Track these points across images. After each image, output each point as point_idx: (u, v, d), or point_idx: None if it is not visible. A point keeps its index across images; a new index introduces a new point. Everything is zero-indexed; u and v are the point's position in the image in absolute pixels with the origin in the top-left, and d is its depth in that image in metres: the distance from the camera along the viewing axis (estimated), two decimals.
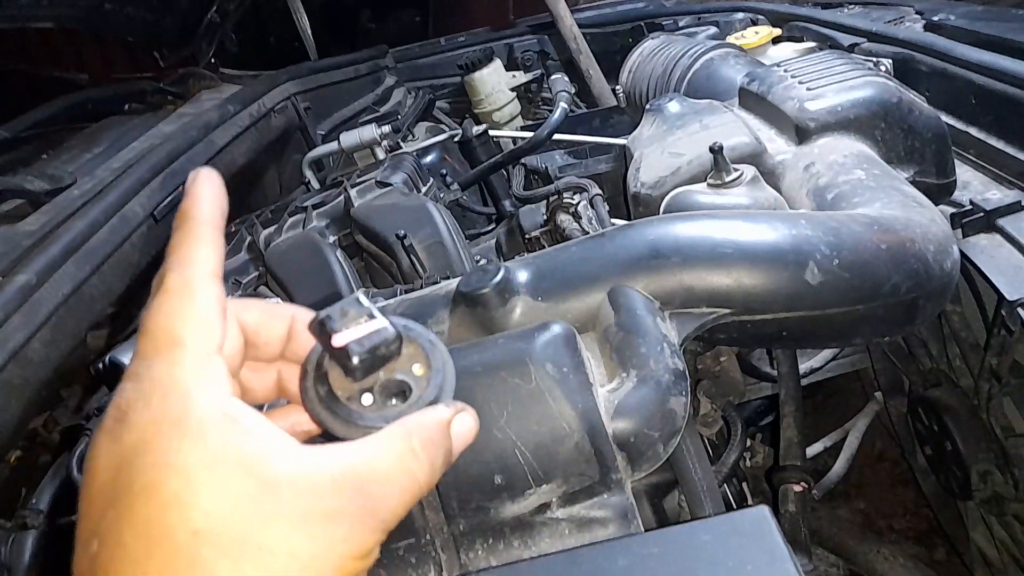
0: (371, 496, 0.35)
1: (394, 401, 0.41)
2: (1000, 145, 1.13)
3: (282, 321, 0.44)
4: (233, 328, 0.41)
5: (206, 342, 0.36)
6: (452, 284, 0.89)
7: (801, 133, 1.03)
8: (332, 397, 0.40)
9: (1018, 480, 1.06)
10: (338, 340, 0.39)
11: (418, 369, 0.41)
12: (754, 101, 1.14)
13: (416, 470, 0.37)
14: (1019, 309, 0.96)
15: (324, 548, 0.33)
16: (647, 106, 1.22)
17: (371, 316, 0.40)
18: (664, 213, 1.00)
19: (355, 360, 0.39)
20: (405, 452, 0.37)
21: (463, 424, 0.41)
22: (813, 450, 1.37)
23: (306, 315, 0.43)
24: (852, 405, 1.48)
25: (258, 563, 0.32)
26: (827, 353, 1.34)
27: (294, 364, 0.44)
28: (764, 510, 0.60)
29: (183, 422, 0.34)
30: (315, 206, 1.47)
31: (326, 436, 0.40)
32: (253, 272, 1.50)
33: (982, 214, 1.05)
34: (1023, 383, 1.04)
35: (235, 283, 1.48)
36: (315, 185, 1.72)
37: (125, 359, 1.22)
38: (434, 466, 0.38)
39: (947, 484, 1.19)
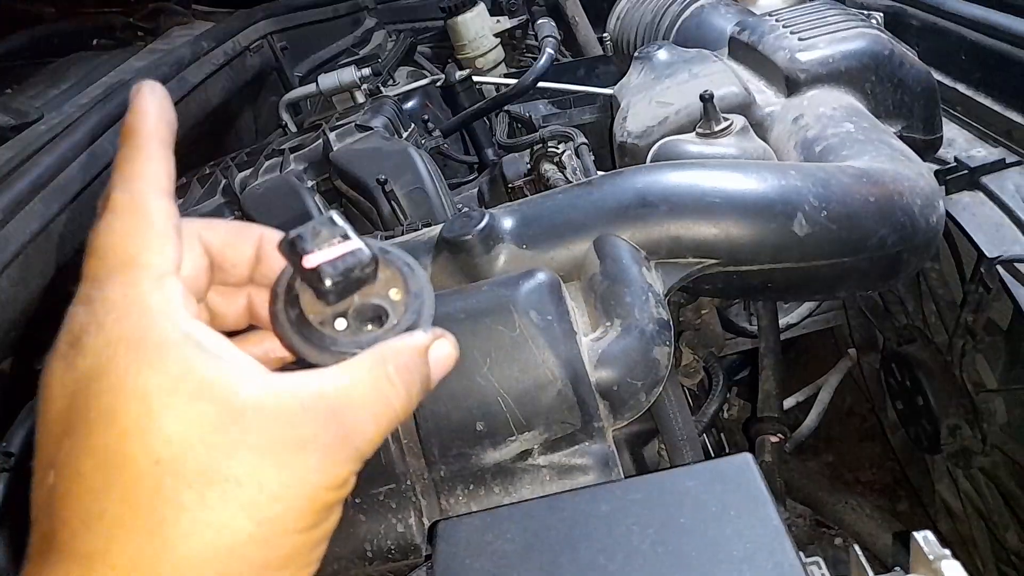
0: (344, 423, 0.34)
1: (369, 327, 0.39)
2: (987, 102, 1.13)
3: (250, 242, 0.41)
4: (195, 248, 0.38)
5: (161, 261, 0.34)
6: (434, 231, 0.88)
7: (791, 84, 1.02)
8: (303, 321, 0.38)
9: (986, 434, 1.09)
10: (310, 261, 0.36)
11: (395, 294, 0.39)
12: (744, 51, 1.12)
13: (391, 396, 0.36)
14: (997, 267, 0.96)
15: (295, 478, 0.32)
16: (635, 54, 1.19)
17: (345, 237, 0.37)
18: (651, 162, 0.99)
19: (328, 282, 0.37)
20: (380, 378, 0.35)
21: (441, 350, 0.39)
22: (785, 405, 1.38)
23: (275, 235, 0.40)
24: (824, 361, 1.50)
25: (225, 494, 0.30)
26: (803, 309, 1.35)
27: (264, 288, 0.42)
28: (747, 457, 0.61)
29: (141, 344, 0.31)
30: (292, 149, 1.43)
31: (299, 363, 0.38)
32: (228, 216, 1.47)
33: (966, 171, 1.05)
34: (996, 340, 1.06)
35: None
36: (292, 128, 1.67)
37: None
38: (410, 393, 0.36)
39: (916, 438, 1.22)
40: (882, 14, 1.30)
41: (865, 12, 1.29)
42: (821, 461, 1.50)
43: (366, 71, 1.56)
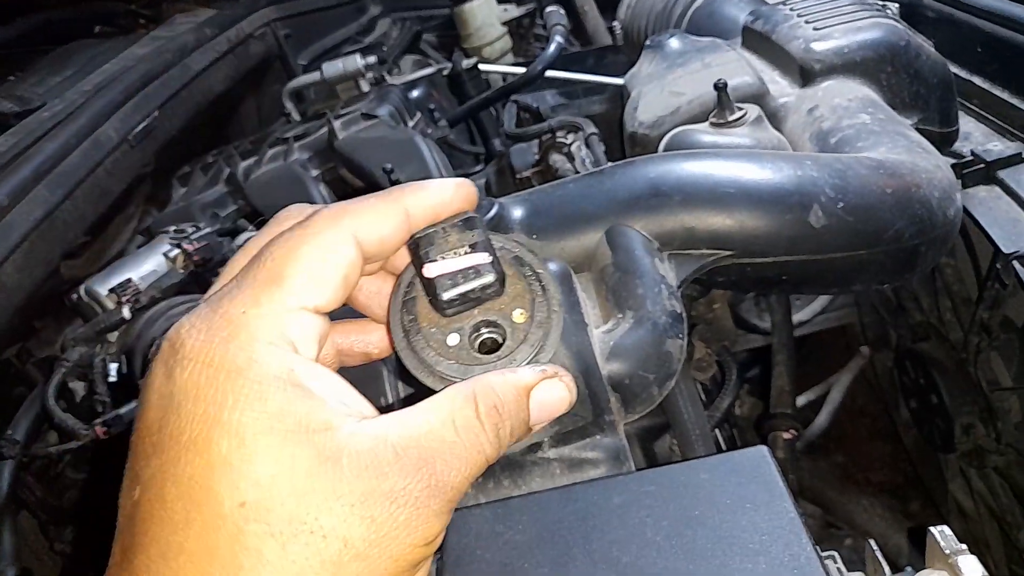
0: (435, 472, 0.31)
1: (482, 348, 0.36)
2: (1004, 95, 1.11)
3: (398, 230, 0.36)
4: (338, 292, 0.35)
5: (307, 297, 0.32)
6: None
7: (806, 74, 1.00)
8: (415, 329, 0.36)
9: (1000, 433, 1.07)
10: (429, 271, 0.34)
11: (519, 316, 0.36)
12: (758, 40, 1.10)
13: (483, 441, 0.33)
14: (1014, 263, 0.95)
15: (383, 535, 0.30)
16: (646, 42, 1.17)
17: (474, 247, 0.34)
18: (663, 152, 0.97)
19: (443, 297, 0.34)
20: (470, 419, 0.33)
21: (550, 392, 0.36)
22: (797, 403, 1.37)
23: (422, 212, 0.36)
24: (836, 360, 1.48)
25: (308, 547, 0.28)
26: (815, 306, 1.34)
27: (384, 278, 0.39)
28: (763, 450, 0.59)
29: (243, 375, 0.30)
30: (296, 138, 1.42)
31: (399, 364, 0.36)
32: (232, 206, 1.45)
33: (982, 165, 1.03)
34: (1012, 338, 1.04)
35: (213, 216, 1.44)
36: (296, 117, 1.66)
37: (101, 289, 1.18)
38: (500, 437, 0.34)
39: (929, 437, 1.20)
40: (898, 4, 1.28)
41: (881, 2, 1.27)
42: (832, 461, 1.48)
43: (371, 59, 1.54)
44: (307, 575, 0.28)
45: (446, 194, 0.36)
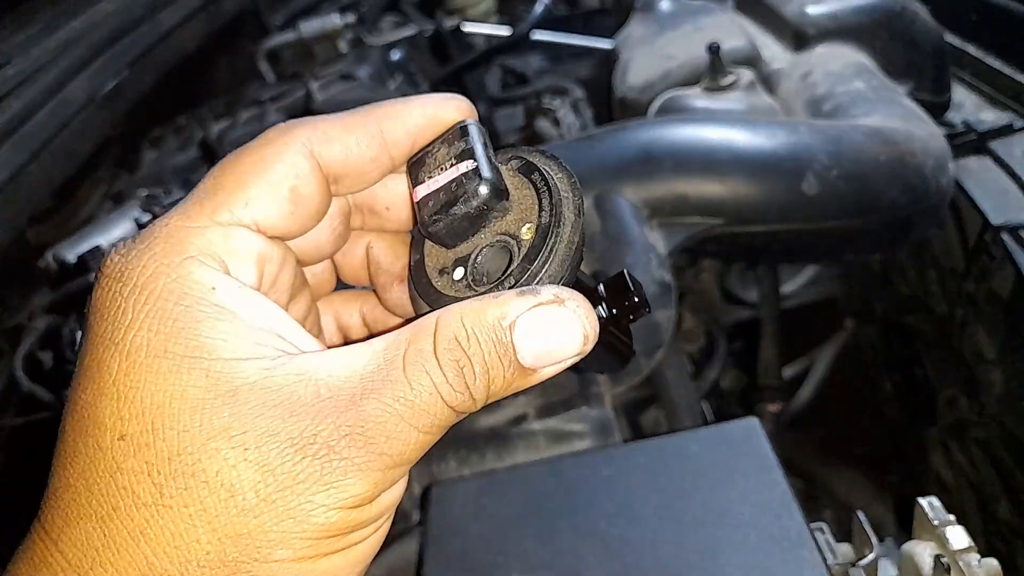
0: (366, 418, 0.24)
1: (489, 277, 0.28)
2: (997, 65, 1.09)
3: (370, 151, 0.31)
4: (287, 188, 0.30)
5: (243, 212, 0.28)
6: None
7: (799, 39, 0.98)
8: (420, 268, 0.30)
9: (983, 405, 1.07)
10: (417, 194, 0.28)
11: (526, 232, 0.28)
12: (751, 4, 1.07)
13: (440, 383, 0.25)
14: (1002, 234, 0.94)
15: (281, 488, 0.24)
16: (637, 4, 1.14)
17: (460, 156, 0.27)
18: (654, 117, 0.94)
19: (426, 219, 0.28)
20: (424, 354, 0.25)
21: (547, 323, 0.25)
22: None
23: (403, 135, 0.31)
24: (820, 334, 1.47)
25: (188, 494, 0.24)
26: (800, 279, 1.33)
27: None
28: (754, 421, 0.58)
29: (147, 289, 0.25)
30: (272, 99, 1.37)
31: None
32: (205, 171, 1.41)
33: (974, 136, 1.02)
34: (997, 311, 1.04)
35: (185, 181, 1.39)
36: (271, 78, 1.60)
37: (70, 255, 1.14)
38: (466, 378, 0.25)
39: (912, 409, 1.20)
40: None
41: None
42: (814, 434, 1.48)
43: (350, 18, 1.49)
44: (182, 526, 0.24)
45: (430, 110, 0.30)
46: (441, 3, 1.80)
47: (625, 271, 0.32)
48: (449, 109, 0.30)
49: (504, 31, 1.47)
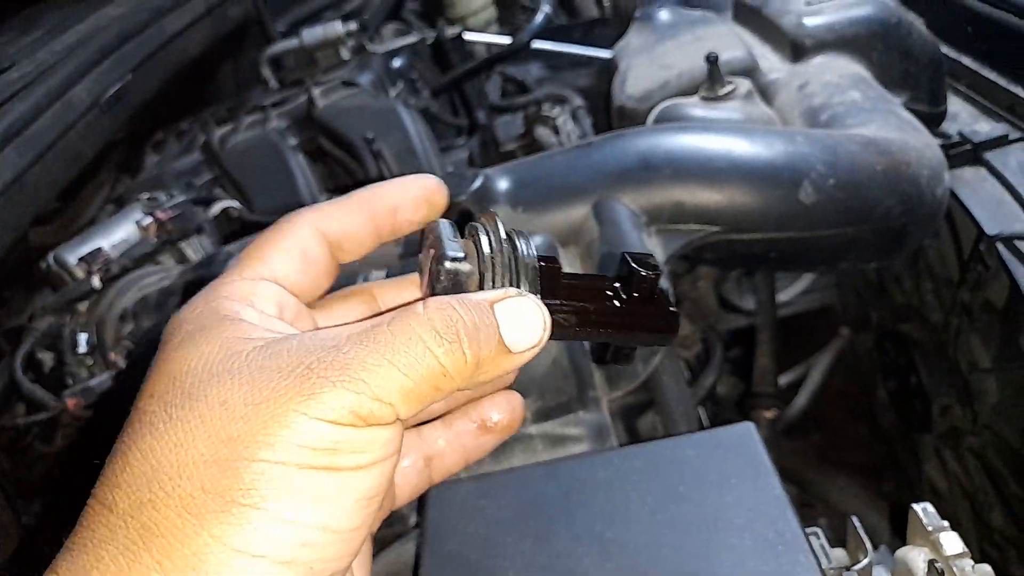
0: (347, 357, 0.29)
1: None
2: (992, 76, 1.10)
3: (367, 226, 0.40)
4: (300, 249, 0.38)
5: (264, 269, 0.37)
6: None
7: (797, 50, 0.99)
8: None
9: (977, 414, 1.08)
10: (425, 291, 0.36)
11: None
12: (749, 14, 1.09)
13: (424, 335, 0.30)
14: (997, 244, 0.95)
15: (266, 400, 0.29)
16: (636, 14, 1.15)
17: (439, 243, 0.35)
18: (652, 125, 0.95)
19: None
20: (410, 312, 0.31)
21: (519, 307, 0.32)
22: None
23: (384, 210, 0.40)
24: (816, 342, 1.48)
25: (191, 412, 0.29)
26: (796, 288, 1.34)
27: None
28: (749, 426, 0.58)
29: (195, 313, 0.34)
30: (275, 105, 1.38)
31: None
32: (207, 175, 1.42)
33: (969, 146, 1.03)
34: (992, 320, 1.05)
35: (187, 185, 1.40)
36: (273, 84, 1.61)
37: (71, 257, 1.15)
38: (457, 332, 0.30)
39: (907, 417, 1.21)
40: None
41: None
42: (809, 441, 1.49)
43: (352, 25, 1.50)
44: (183, 435, 0.29)
45: (404, 188, 0.39)
46: (443, 12, 1.82)
47: (624, 254, 0.38)
48: (417, 187, 0.39)
49: (505, 40, 1.48)
